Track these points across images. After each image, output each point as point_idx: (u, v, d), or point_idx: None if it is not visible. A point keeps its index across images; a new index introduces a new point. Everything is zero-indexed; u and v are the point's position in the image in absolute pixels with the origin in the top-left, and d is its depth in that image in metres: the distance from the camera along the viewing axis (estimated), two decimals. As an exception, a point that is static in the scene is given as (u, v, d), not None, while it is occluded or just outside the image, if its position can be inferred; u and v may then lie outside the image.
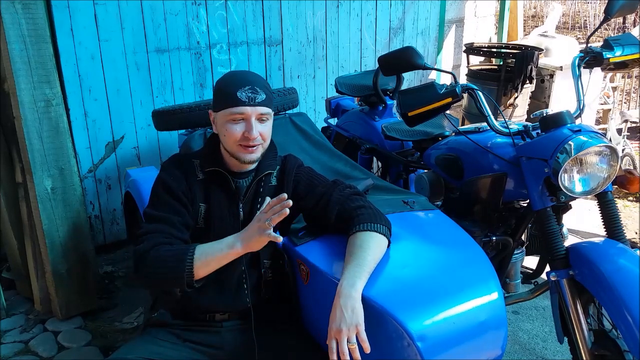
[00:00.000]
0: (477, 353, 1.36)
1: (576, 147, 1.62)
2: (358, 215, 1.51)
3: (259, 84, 1.51)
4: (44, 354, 2.41)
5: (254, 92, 1.48)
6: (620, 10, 1.92)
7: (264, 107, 1.50)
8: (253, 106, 1.48)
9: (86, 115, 3.01)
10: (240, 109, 1.48)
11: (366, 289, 1.35)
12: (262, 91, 1.50)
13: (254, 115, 1.49)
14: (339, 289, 1.34)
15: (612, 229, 1.76)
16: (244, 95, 1.47)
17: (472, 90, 1.85)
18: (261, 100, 1.49)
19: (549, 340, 2.42)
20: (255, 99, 1.48)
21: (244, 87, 1.48)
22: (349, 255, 1.42)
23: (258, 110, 1.49)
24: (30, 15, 2.31)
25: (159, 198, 1.54)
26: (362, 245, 1.43)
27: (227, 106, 1.49)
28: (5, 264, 2.92)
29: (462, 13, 4.68)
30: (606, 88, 4.64)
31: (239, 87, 1.48)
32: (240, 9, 3.38)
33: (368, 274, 1.37)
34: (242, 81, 1.50)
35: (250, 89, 1.48)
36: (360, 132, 2.88)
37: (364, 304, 1.33)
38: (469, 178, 1.97)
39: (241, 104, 1.47)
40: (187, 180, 1.56)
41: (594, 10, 10.02)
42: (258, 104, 1.49)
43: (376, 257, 1.42)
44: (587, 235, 3.28)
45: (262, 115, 1.50)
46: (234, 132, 1.49)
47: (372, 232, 1.46)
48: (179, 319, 1.61)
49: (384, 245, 1.47)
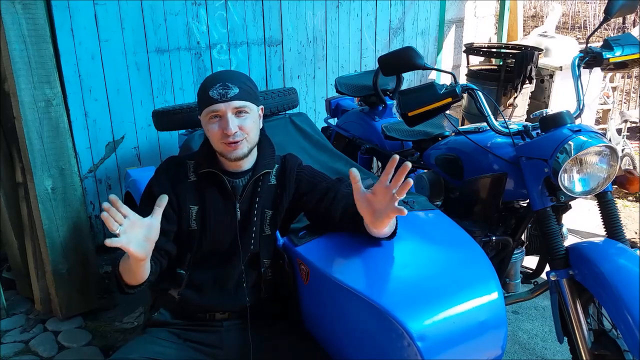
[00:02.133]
0: (477, 353, 1.36)
1: (576, 147, 1.62)
2: None
3: (232, 80, 1.52)
4: (44, 354, 2.41)
5: (224, 87, 1.50)
6: (620, 10, 1.92)
7: (237, 100, 1.50)
8: (226, 102, 1.49)
9: (86, 115, 3.01)
10: (214, 107, 1.50)
11: (366, 289, 1.35)
12: (235, 85, 1.51)
13: (228, 110, 1.50)
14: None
15: (612, 229, 1.76)
16: (215, 92, 1.49)
17: (472, 90, 1.86)
18: (234, 95, 1.50)
19: (549, 340, 2.42)
20: (227, 94, 1.49)
21: (215, 85, 1.50)
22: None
23: (232, 104, 1.50)
24: (30, 16, 2.31)
25: (141, 205, 1.58)
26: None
27: (203, 107, 1.53)
28: (5, 264, 2.92)
29: (462, 13, 4.68)
30: (606, 88, 4.64)
31: (210, 87, 1.51)
32: (240, 9, 3.39)
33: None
34: (214, 80, 1.52)
35: (221, 85, 1.50)
36: (360, 132, 2.88)
37: (364, 303, 1.33)
38: (469, 178, 1.97)
39: (213, 102, 1.49)
40: (175, 185, 1.57)
41: (594, 10, 10.01)
42: (230, 98, 1.49)
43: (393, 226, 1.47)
44: (587, 235, 3.28)
45: (237, 109, 1.51)
46: (214, 130, 1.51)
47: None
48: (179, 319, 1.62)
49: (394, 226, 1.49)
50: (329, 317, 1.51)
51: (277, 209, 1.63)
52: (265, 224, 1.62)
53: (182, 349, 1.56)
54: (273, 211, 1.62)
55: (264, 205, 1.61)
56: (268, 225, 1.62)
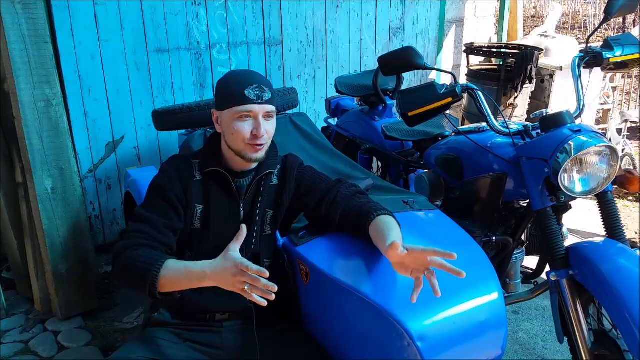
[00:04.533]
0: (477, 353, 1.36)
1: (576, 147, 1.62)
2: (369, 207, 1.53)
3: (265, 83, 1.53)
4: (44, 354, 2.41)
5: (261, 90, 1.50)
6: (620, 10, 1.92)
7: (270, 105, 1.52)
8: (261, 104, 1.50)
9: (86, 115, 3.01)
10: (249, 107, 1.49)
11: (366, 289, 1.35)
12: (268, 89, 1.52)
13: (261, 113, 1.50)
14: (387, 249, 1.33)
15: (612, 229, 1.76)
16: (252, 93, 1.49)
17: (472, 90, 1.86)
18: (268, 99, 1.51)
19: (549, 340, 2.42)
20: (262, 97, 1.50)
21: (252, 85, 1.50)
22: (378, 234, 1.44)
23: (265, 108, 1.51)
24: (30, 16, 2.31)
25: (149, 199, 1.56)
26: (389, 224, 1.46)
27: (234, 104, 1.50)
28: (5, 264, 2.92)
29: (462, 13, 4.68)
30: (606, 88, 4.64)
31: (246, 86, 1.50)
32: (240, 9, 3.39)
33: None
34: (250, 80, 1.51)
35: (257, 87, 1.50)
36: (360, 132, 2.88)
37: (364, 304, 1.33)
38: (469, 178, 1.97)
39: (250, 102, 1.49)
40: (183, 182, 1.56)
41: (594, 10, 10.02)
42: (265, 102, 1.51)
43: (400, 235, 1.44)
44: (587, 235, 3.28)
45: (268, 113, 1.52)
46: (242, 130, 1.50)
47: (389, 216, 1.51)
48: (179, 319, 1.61)
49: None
50: (329, 317, 1.51)
51: (277, 208, 1.63)
52: (266, 223, 1.62)
53: (182, 349, 1.56)
54: (274, 211, 1.63)
55: (265, 205, 1.62)
56: (268, 225, 1.62)
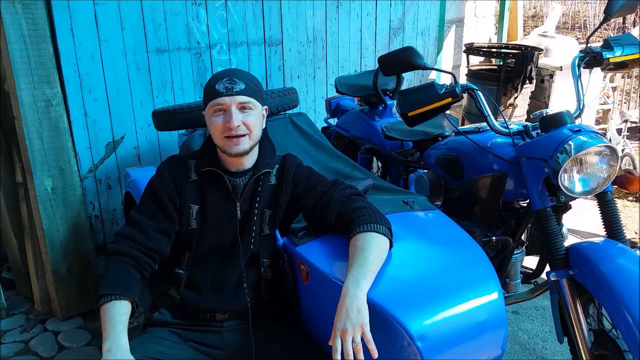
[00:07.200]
0: (477, 353, 1.36)
1: (576, 147, 1.62)
2: (358, 216, 1.51)
3: (239, 76, 1.54)
4: (44, 354, 2.41)
5: (231, 82, 1.51)
6: (620, 10, 1.92)
7: (243, 95, 1.52)
8: (231, 95, 1.50)
9: (86, 115, 3.01)
10: (219, 100, 1.51)
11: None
12: (241, 81, 1.52)
13: (233, 104, 1.51)
14: (344, 290, 1.34)
15: (612, 229, 1.76)
16: (222, 86, 1.51)
17: (472, 90, 1.86)
18: (240, 90, 1.51)
19: (549, 340, 2.42)
20: (232, 89, 1.51)
21: (222, 79, 1.52)
22: (352, 257, 1.42)
23: (237, 99, 1.51)
24: (30, 15, 2.31)
25: (143, 202, 1.59)
26: (364, 246, 1.43)
27: (208, 100, 1.54)
28: (5, 264, 2.92)
29: (462, 13, 4.68)
30: (606, 88, 4.64)
31: (217, 81, 1.52)
32: (240, 9, 3.38)
33: (373, 274, 1.37)
34: (221, 75, 1.54)
35: (227, 80, 1.52)
36: (360, 132, 2.88)
37: (364, 303, 1.33)
38: (469, 178, 1.97)
39: (219, 95, 1.51)
40: (177, 183, 1.57)
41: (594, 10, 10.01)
42: (236, 93, 1.51)
43: (379, 257, 1.42)
44: (587, 235, 3.28)
45: (242, 104, 1.52)
46: (217, 123, 1.52)
47: (373, 233, 1.46)
48: (180, 319, 1.62)
49: (386, 245, 1.47)
50: (329, 317, 1.51)
51: (276, 208, 1.63)
52: (265, 223, 1.62)
53: (183, 349, 1.56)
54: (272, 211, 1.63)
55: (263, 205, 1.61)
56: (267, 225, 1.62)
